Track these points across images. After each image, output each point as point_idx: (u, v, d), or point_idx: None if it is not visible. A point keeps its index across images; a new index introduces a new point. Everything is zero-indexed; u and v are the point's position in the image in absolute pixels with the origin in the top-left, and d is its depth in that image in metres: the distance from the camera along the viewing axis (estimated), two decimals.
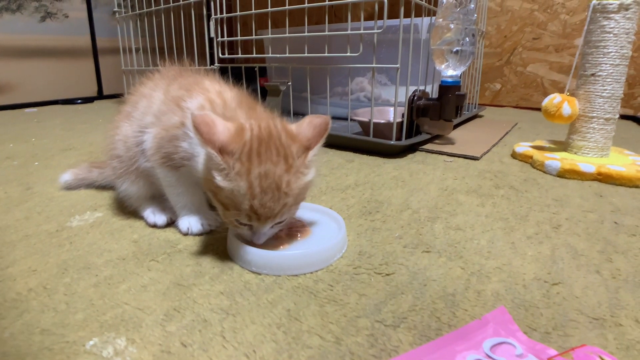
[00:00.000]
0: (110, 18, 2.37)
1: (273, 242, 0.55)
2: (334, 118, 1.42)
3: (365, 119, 1.11)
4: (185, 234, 0.61)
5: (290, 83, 1.29)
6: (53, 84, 2.24)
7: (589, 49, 0.93)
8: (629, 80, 1.72)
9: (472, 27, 1.08)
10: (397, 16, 1.02)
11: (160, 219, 0.64)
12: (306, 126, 0.52)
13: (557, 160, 0.91)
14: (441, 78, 1.11)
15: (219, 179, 0.46)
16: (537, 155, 0.97)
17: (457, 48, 1.06)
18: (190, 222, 0.61)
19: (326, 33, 1.13)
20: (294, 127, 0.52)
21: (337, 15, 2.37)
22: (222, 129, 0.47)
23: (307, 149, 0.50)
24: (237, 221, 0.50)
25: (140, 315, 0.43)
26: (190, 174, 0.58)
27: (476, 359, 0.35)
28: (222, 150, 0.46)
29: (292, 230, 0.58)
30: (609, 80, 0.91)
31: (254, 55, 1.33)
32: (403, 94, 1.08)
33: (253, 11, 1.27)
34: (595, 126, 0.94)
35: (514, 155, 1.06)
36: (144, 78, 0.68)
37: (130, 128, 0.62)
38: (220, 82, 0.61)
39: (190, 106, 0.54)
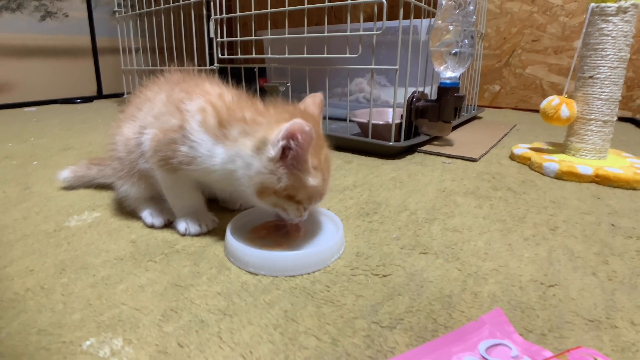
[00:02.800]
0: (110, 18, 2.38)
1: (270, 243, 0.55)
2: (333, 119, 1.43)
3: (364, 120, 1.11)
4: (183, 235, 0.61)
5: (289, 84, 1.29)
6: (52, 84, 2.24)
7: (588, 51, 0.94)
8: (627, 83, 1.73)
9: (471, 28, 1.09)
10: (396, 17, 1.02)
11: (158, 220, 0.64)
12: (311, 105, 0.58)
13: (555, 162, 0.92)
14: (440, 79, 1.11)
15: (309, 179, 0.49)
16: (535, 157, 0.97)
17: (456, 50, 1.06)
18: (188, 223, 0.61)
19: (325, 34, 1.13)
20: (303, 107, 0.57)
21: (337, 16, 2.37)
22: None
23: (318, 124, 0.56)
24: (304, 208, 0.53)
25: (137, 315, 0.43)
26: (189, 176, 0.58)
27: None
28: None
29: (289, 231, 0.58)
30: (607, 82, 0.92)
31: (254, 55, 1.33)
32: (402, 95, 1.08)
33: (252, 12, 1.27)
34: (593, 128, 0.94)
35: (512, 157, 1.06)
36: (148, 81, 0.68)
37: (131, 129, 0.62)
38: (221, 84, 0.61)
39: (190, 109, 0.54)
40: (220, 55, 1.42)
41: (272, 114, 0.53)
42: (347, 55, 1.08)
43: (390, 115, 1.24)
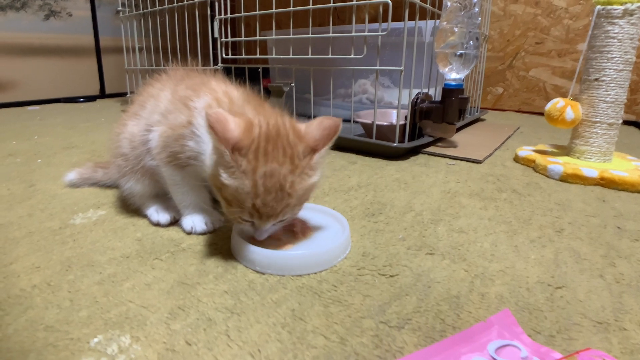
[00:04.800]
0: (114, 17, 2.38)
1: (277, 242, 0.55)
2: None
3: (368, 121, 1.11)
4: (189, 233, 0.61)
5: (293, 84, 1.29)
6: (56, 82, 2.24)
7: (593, 53, 0.93)
8: (631, 86, 1.72)
9: (476, 30, 1.09)
10: (401, 19, 1.02)
11: (164, 217, 0.64)
12: (315, 127, 0.51)
13: (559, 164, 0.92)
14: (444, 81, 1.11)
15: (225, 177, 0.46)
16: (540, 159, 0.97)
17: (461, 51, 1.06)
18: (194, 221, 0.61)
19: (330, 35, 1.13)
20: (303, 126, 0.52)
21: (341, 17, 2.37)
22: (234, 126, 0.46)
23: (314, 150, 0.49)
24: (240, 217, 0.50)
25: (144, 313, 0.43)
26: (195, 173, 0.58)
27: None
28: (233, 148, 0.46)
29: (295, 231, 0.58)
30: (612, 85, 0.92)
31: (257, 56, 1.33)
32: (406, 96, 1.08)
33: (257, 12, 1.28)
34: (598, 131, 0.94)
35: (517, 159, 1.06)
36: (151, 78, 0.68)
37: (137, 127, 0.62)
38: (227, 82, 0.61)
39: (198, 106, 0.54)
40: (224, 55, 1.42)
41: (257, 115, 0.52)
42: (352, 56, 1.08)
43: (394, 117, 1.24)
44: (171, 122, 0.56)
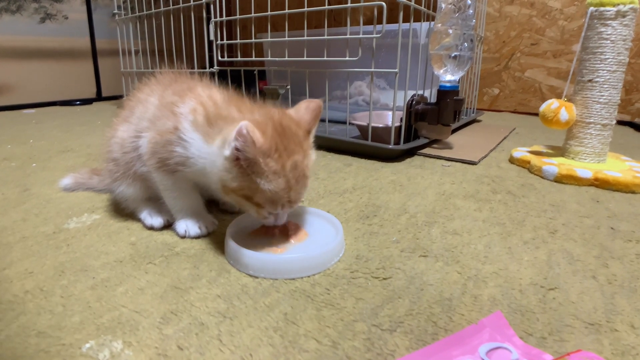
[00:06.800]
0: (110, 20, 2.38)
1: (270, 246, 0.55)
2: (333, 122, 1.43)
3: (364, 123, 1.11)
4: (183, 237, 0.61)
5: (289, 87, 1.29)
6: (52, 85, 2.24)
7: (587, 55, 0.94)
8: (626, 86, 1.73)
9: (471, 32, 1.09)
10: (396, 21, 1.02)
11: (157, 221, 0.64)
12: (304, 110, 0.56)
13: (554, 165, 0.92)
14: (439, 83, 1.11)
15: (263, 183, 0.48)
16: (535, 160, 0.97)
17: (456, 53, 1.07)
18: (188, 225, 0.61)
19: (325, 37, 1.13)
20: (292, 112, 0.56)
21: (337, 19, 2.38)
22: (259, 135, 0.47)
23: (308, 132, 0.55)
24: (269, 213, 0.53)
25: (137, 318, 0.43)
26: (186, 178, 0.58)
27: None
28: (263, 155, 0.47)
29: (289, 234, 0.58)
30: (606, 86, 0.92)
31: (253, 58, 1.33)
32: (401, 98, 1.09)
33: (252, 15, 1.28)
34: (592, 132, 0.95)
35: (512, 160, 1.06)
36: (140, 83, 0.68)
37: (127, 132, 0.63)
38: (213, 86, 0.62)
39: (183, 111, 0.55)
40: (220, 58, 1.42)
41: (250, 113, 0.53)
42: (347, 58, 1.08)
43: (389, 118, 1.24)
44: (159, 128, 0.56)
